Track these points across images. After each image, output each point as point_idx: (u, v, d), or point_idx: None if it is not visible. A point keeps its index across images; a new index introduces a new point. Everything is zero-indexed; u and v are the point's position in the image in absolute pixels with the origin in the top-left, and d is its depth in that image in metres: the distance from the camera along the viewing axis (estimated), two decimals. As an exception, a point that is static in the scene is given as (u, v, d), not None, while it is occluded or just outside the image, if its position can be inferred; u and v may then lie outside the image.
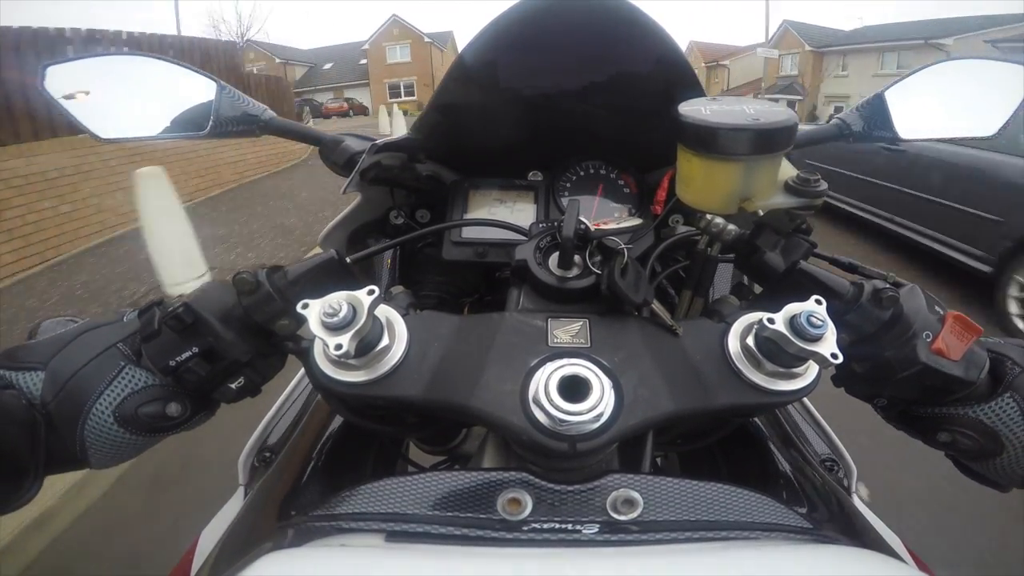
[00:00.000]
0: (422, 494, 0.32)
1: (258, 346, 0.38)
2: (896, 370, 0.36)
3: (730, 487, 0.33)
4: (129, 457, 0.37)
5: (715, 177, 0.35)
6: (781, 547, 0.31)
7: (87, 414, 0.33)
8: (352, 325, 0.30)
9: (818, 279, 0.39)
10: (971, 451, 0.37)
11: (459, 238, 0.62)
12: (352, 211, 0.60)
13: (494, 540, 0.30)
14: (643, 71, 0.51)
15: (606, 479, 0.32)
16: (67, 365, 0.34)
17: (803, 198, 0.36)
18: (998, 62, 0.54)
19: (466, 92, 0.55)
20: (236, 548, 0.41)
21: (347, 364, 0.33)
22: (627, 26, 0.46)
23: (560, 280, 0.40)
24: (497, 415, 0.32)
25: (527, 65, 0.52)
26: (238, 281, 0.36)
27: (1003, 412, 0.36)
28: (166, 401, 0.35)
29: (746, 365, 0.34)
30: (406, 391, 0.33)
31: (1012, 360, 0.37)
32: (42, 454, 0.33)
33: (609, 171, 0.68)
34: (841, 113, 0.58)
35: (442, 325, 0.37)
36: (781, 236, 0.41)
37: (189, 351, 0.35)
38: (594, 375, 0.32)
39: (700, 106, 0.35)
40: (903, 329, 0.36)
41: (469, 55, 0.49)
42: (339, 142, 0.57)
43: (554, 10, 0.46)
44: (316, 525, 0.32)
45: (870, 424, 0.51)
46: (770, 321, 0.31)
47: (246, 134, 0.56)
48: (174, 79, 0.55)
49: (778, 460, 0.53)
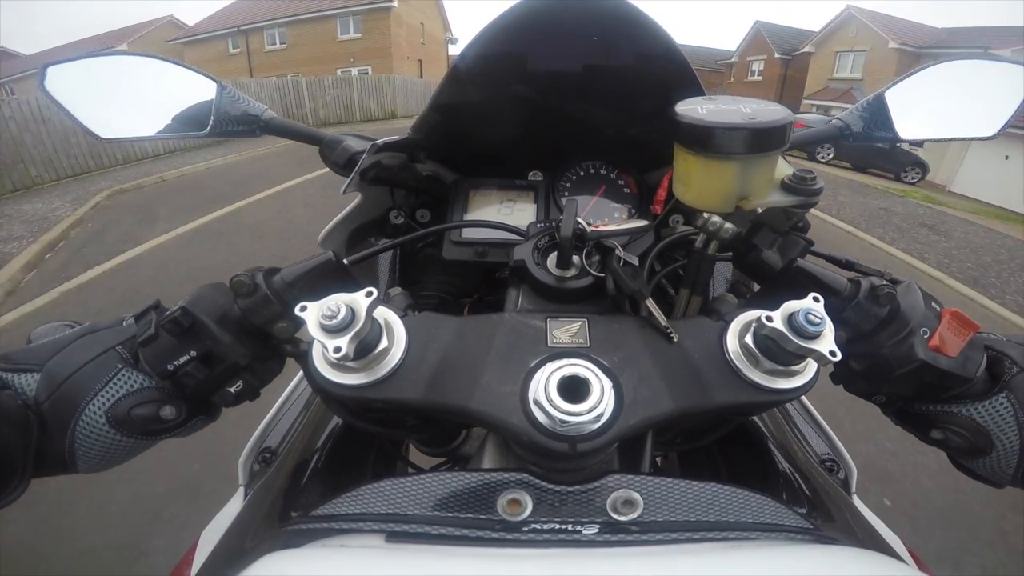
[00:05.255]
0: (422, 495, 0.32)
1: (256, 349, 0.38)
2: (894, 367, 0.36)
3: (730, 487, 0.33)
4: (118, 462, 0.37)
5: (712, 176, 0.35)
6: (781, 547, 0.31)
7: (79, 415, 0.33)
8: (351, 327, 0.30)
9: (815, 276, 0.39)
10: (961, 449, 0.38)
11: (459, 238, 0.62)
12: (352, 211, 0.60)
13: (494, 541, 0.30)
14: (643, 70, 0.51)
15: (606, 479, 0.32)
16: (64, 367, 0.34)
17: (799, 196, 0.36)
18: (998, 62, 0.54)
19: (466, 91, 0.55)
20: (236, 549, 0.40)
21: (346, 367, 0.33)
22: (627, 25, 0.46)
23: (559, 280, 0.40)
24: (497, 416, 0.32)
25: (527, 65, 0.52)
26: (235, 284, 0.36)
27: (996, 412, 0.36)
28: (160, 404, 0.35)
29: (745, 363, 0.34)
30: (405, 393, 0.33)
31: (1011, 359, 0.37)
32: (32, 456, 0.33)
33: (609, 171, 0.68)
34: (841, 113, 0.58)
35: (441, 326, 0.37)
36: (778, 234, 0.41)
37: (187, 355, 0.35)
38: (594, 375, 0.32)
39: (696, 105, 0.35)
40: (900, 326, 0.36)
41: (468, 54, 0.49)
42: (339, 142, 0.57)
43: (554, 9, 0.46)
44: (316, 526, 0.31)
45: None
46: (768, 319, 0.31)
47: (246, 134, 0.56)
48: (174, 79, 0.55)
49: (778, 460, 0.53)
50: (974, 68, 0.56)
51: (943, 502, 1.84)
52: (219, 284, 0.38)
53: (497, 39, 0.48)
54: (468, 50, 0.49)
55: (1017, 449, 0.36)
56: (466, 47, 0.49)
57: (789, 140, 0.34)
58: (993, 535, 1.74)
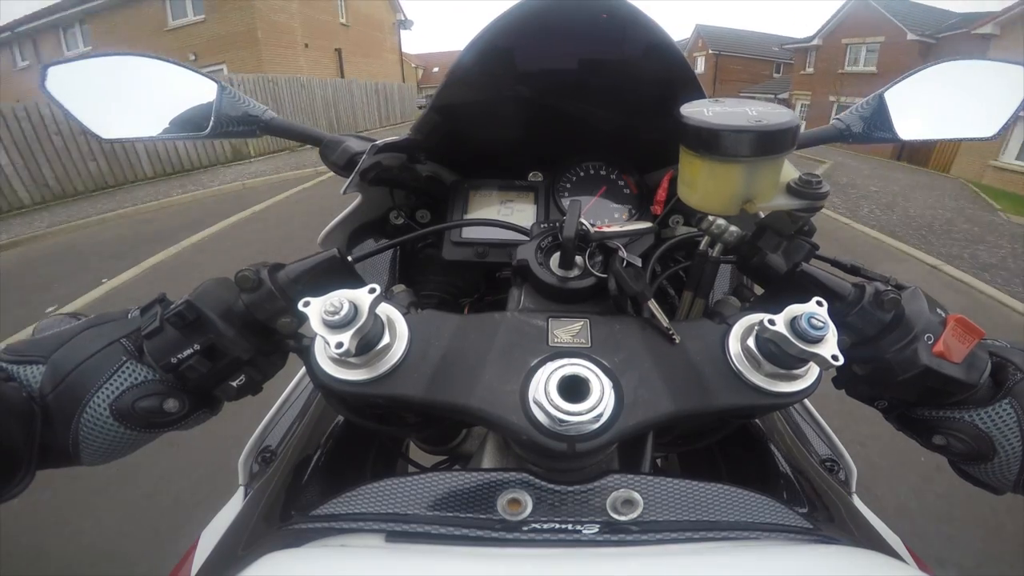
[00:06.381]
0: (422, 494, 0.32)
1: (259, 344, 0.38)
2: (897, 372, 0.36)
3: (730, 487, 0.33)
4: (122, 454, 0.37)
5: (717, 179, 0.35)
6: (781, 547, 0.31)
7: (84, 407, 0.33)
8: (353, 323, 0.30)
9: (820, 281, 0.39)
10: (963, 454, 0.38)
11: (459, 238, 0.62)
12: (352, 211, 0.60)
13: (494, 540, 0.30)
14: (641, 69, 0.51)
15: (606, 479, 0.32)
16: (69, 359, 0.34)
17: (805, 200, 0.36)
18: (998, 62, 0.54)
19: (465, 92, 0.55)
20: (236, 548, 0.41)
21: (348, 362, 0.33)
22: (627, 25, 0.46)
23: (561, 280, 0.40)
24: (497, 415, 0.32)
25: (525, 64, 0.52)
26: (240, 279, 0.36)
27: (999, 418, 0.36)
28: (164, 397, 0.35)
29: (747, 366, 0.34)
30: (406, 390, 0.33)
31: (1015, 365, 0.37)
32: (36, 447, 0.33)
33: (609, 171, 0.68)
34: (842, 114, 0.58)
35: (443, 324, 0.37)
36: (783, 238, 0.41)
37: (191, 348, 0.35)
38: (594, 375, 0.32)
39: (702, 107, 0.35)
40: (904, 331, 0.36)
41: (467, 54, 0.49)
42: (340, 142, 0.57)
43: (555, 9, 0.46)
44: (316, 525, 0.32)
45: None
46: (771, 322, 0.31)
47: (247, 134, 0.56)
48: (175, 79, 0.55)
49: (778, 460, 0.53)
50: (974, 68, 0.56)
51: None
52: (224, 279, 0.39)
53: (496, 38, 0.48)
54: (467, 50, 0.49)
55: (1019, 455, 0.36)
56: (465, 47, 0.49)
57: (796, 143, 0.34)
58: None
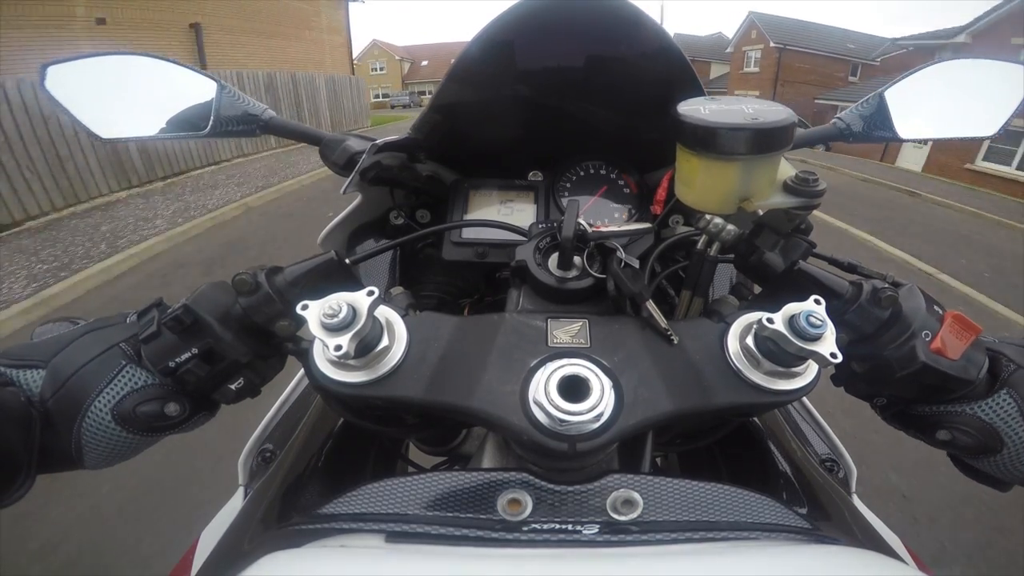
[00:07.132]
0: (422, 495, 0.32)
1: (257, 347, 0.38)
2: (895, 369, 0.36)
3: (730, 487, 0.33)
4: (125, 458, 0.37)
5: (714, 177, 0.35)
6: (781, 547, 0.31)
7: (85, 412, 0.33)
8: (352, 326, 0.30)
9: (817, 279, 0.39)
10: (971, 448, 0.37)
11: (459, 238, 0.62)
12: (352, 211, 0.60)
13: (494, 541, 0.30)
14: (641, 67, 0.51)
15: (606, 479, 0.32)
16: (68, 363, 0.34)
17: (802, 198, 0.36)
18: (998, 62, 0.54)
19: (465, 91, 0.54)
20: (236, 548, 0.40)
21: (347, 365, 0.33)
22: (628, 24, 0.46)
23: (560, 281, 0.41)
24: (497, 415, 0.32)
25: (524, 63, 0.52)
26: (237, 282, 0.36)
27: (1001, 408, 0.36)
28: (165, 401, 0.35)
29: (745, 365, 0.34)
30: (406, 391, 0.33)
31: (1007, 357, 0.37)
32: (36, 452, 0.33)
33: (609, 171, 0.68)
34: (841, 113, 0.58)
35: (442, 326, 0.37)
36: (780, 236, 0.41)
37: (188, 352, 0.35)
38: (594, 375, 0.32)
39: (699, 106, 0.35)
40: (902, 328, 0.36)
41: (467, 53, 0.49)
42: (340, 142, 0.57)
43: (555, 8, 0.46)
44: (316, 526, 0.32)
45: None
46: (769, 321, 0.31)
47: (246, 134, 0.56)
48: (174, 79, 0.55)
49: (778, 460, 0.53)
50: (973, 68, 0.56)
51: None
52: (222, 282, 0.39)
53: (498, 34, 0.48)
54: (467, 49, 0.49)
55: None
56: (468, 44, 0.49)
57: (792, 141, 0.34)
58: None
